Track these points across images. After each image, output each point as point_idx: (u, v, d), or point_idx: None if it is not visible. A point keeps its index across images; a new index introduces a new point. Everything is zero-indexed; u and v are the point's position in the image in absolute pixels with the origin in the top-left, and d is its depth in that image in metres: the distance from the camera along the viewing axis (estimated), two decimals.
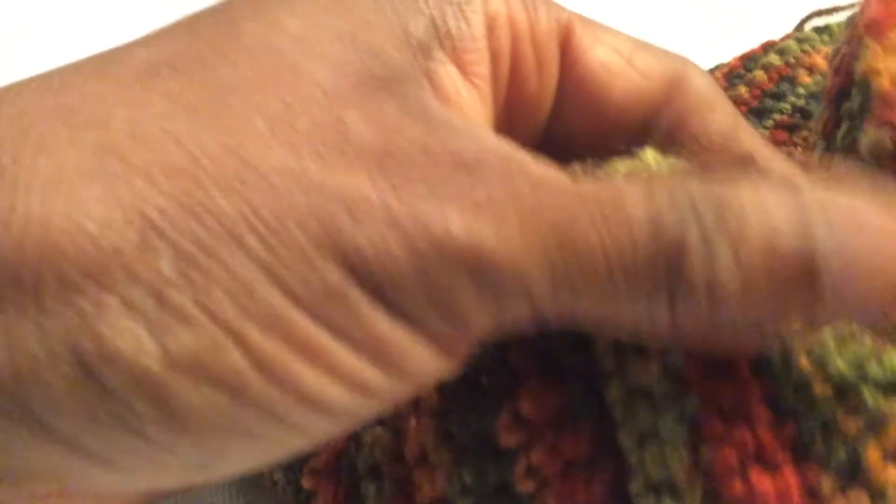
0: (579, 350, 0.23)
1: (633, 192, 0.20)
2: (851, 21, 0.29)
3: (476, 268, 0.19)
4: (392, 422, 0.27)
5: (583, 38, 0.26)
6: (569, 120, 0.27)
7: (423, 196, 0.19)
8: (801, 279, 0.19)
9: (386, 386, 0.20)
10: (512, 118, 0.26)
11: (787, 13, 0.53)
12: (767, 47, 0.50)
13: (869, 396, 0.20)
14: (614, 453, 0.22)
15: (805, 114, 0.44)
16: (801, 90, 0.46)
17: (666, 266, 0.19)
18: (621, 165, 0.23)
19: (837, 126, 0.28)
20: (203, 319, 0.18)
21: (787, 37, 0.51)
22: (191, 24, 0.22)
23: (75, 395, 0.18)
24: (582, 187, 0.20)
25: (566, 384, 0.23)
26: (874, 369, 0.20)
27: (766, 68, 0.48)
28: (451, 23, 0.23)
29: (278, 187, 0.18)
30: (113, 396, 0.18)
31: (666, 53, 0.27)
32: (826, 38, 0.50)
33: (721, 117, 0.27)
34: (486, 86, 0.24)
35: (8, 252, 0.17)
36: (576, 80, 0.26)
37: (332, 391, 0.19)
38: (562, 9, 0.26)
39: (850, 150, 0.26)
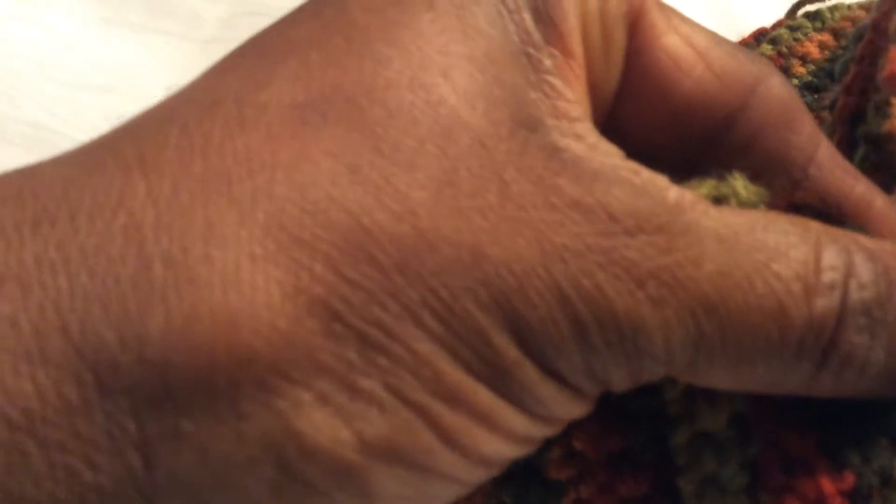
0: (643, 392, 0.22)
1: (798, 252, 0.19)
2: (860, 36, 0.30)
3: (631, 341, 0.19)
4: None
5: (655, 24, 0.23)
6: (629, 115, 0.24)
7: (585, 267, 0.18)
8: None
9: (540, 434, 0.20)
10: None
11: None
12: (759, 36, 0.51)
13: None
14: (670, 497, 0.22)
15: None
16: (796, 81, 0.47)
17: (822, 342, 0.19)
18: (704, 187, 0.22)
19: (851, 146, 0.28)
20: (393, 402, 0.17)
21: (779, 24, 0.51)
22: (320, 46, 0.20)
23: (276, 494, 0.17)
24: (740, 236, 0.19)
25: (624, 424, 0.23)
26: None
27: None
28: (550, 6, 0.21)
29: (451, 260, 0.18)
30: (313, 490, 0.17)
31: (746, 55, 0.24)
32: (818, 24, 0.51)
33: (802, 135, 0.24)
34: (582, 67, 0.22)
35: (198, 358, 0.16)
36: (641, 70, 0.23)
37: (501, 448, 0.19)
38: None
39: (872, 172, 0.25)
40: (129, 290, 0.16)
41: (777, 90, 0.24)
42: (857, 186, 0.24)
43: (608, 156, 0.20)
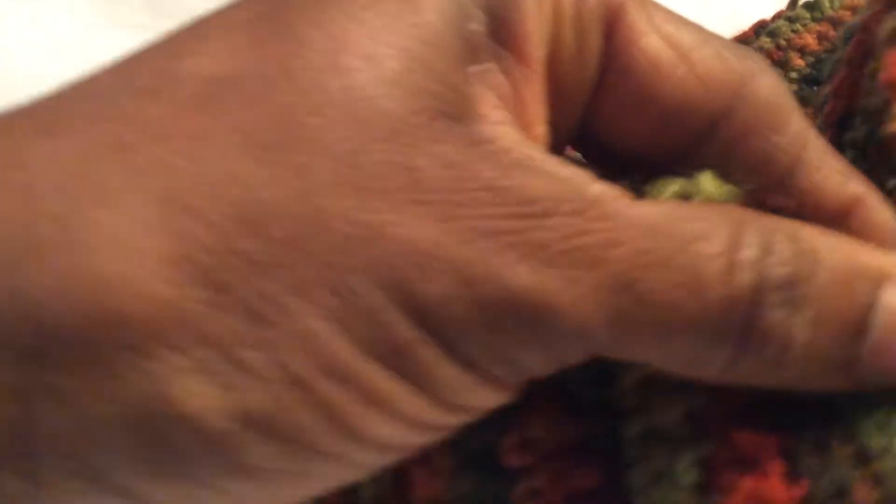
0: (600, 383, 0.22)
1: (718, 234, 0.19)
2: (849, 37, 0.29)
3: (543, 321, 0.19)
4: None
5: (635, 23, 0.23)
6: (608, 117, 0.24)
7: (494, 247, 0.19)
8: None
9: (445, 422, 0.20)
10: (556, 92, 0.23)
11: None
12: (759, 29, 0.51)
13: (891, 471, 0.20)
14: (621, 491, 0.22)
15: (800, 100, 0.44)
16: (794, 74, 0.47)
17: (740, 318, 0.19)
18: (672, 185, 0.22)
19: (839, 151, 0.26)
20: (277, 376, 0.17)
21: (778, 16, 0.51)
22: (249, 27, 0.20)
23: (142, 455, 0.17)
24: (659, 223, 0.19)
25: (580, 415, 0.23)
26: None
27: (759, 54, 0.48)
28: (506, 9, 0.21)
29: (349, 239, 0.18)
30: (184, 455, 0.17)
31: (735, 52, 0.23)
32: (818, 14, 0.50)
33: (787, 136, 0.23)
34: (541, 71, 0.22)
35: (74, 319, 0.17)
36: (619, 73, 0.23)
37: (397, 433, 0.19)
38: None
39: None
40: (14, 245, 0.17)
41: (764, 91, 0.23)
42: (847, 185, 0.24)
43: (534, 150, 0.20)
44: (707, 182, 0.21)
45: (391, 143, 0.19)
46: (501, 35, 0.21)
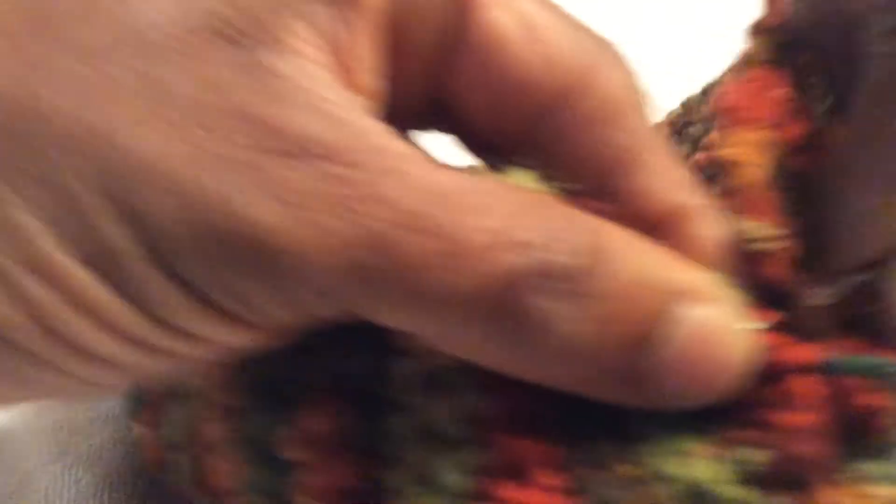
0: (380, 377, 0.22)
1: (499, 211, 0.19)
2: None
3: (278, 263, 0.18)
4: (189, 404, 0.26)
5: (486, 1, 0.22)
6: (455, 89, 0.23)
7: (237, 178, 0.18)
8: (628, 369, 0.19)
9: (173, 346, 0.19)
10: (402, 52, 0.23)
11: None
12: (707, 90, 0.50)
13: (665, 498, 0.19)
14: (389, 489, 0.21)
15: None
16: None
17: (494, 296, 0.19)
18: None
19: None
20: None
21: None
22: None
23: None
24: (444, 192, 0.19)
25: (358, 408, 0.22)
26: (671, 468, 0.20)
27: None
28: None
29: (72, 137, 0.17)
30: None
31: (594, 42, 0.23)
32: None
33: (626, 133, 0.23)
34: (375, 27, 0.21)
35: None
36: (466, 45, 0.22)
37: (115, 347, 0.19)
38: None
39: None
40: None
41: (609, 83, 0.22)
42: (679, 194, 0.23)
43: (339, 96, 0.19)
44: (523, 178, 0.22)
45: (145, 55, 0.18)
46: None
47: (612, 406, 0.20)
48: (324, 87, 0.19)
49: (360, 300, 0.19)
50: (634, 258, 0.20)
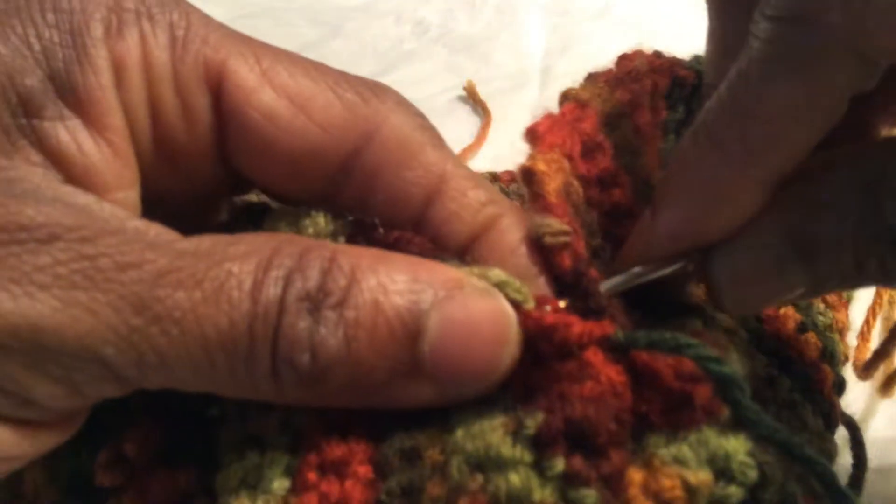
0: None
1: (255, 255, 0.20)
2: None
3: (38, 350, 0.18)
4: None
5: (243, 79, 0.23)
6: (247, 167, 0.24)
7: None
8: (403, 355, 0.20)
9: None
10: (169, 166, 0.24)
11: None
12: None
13: (455, 469, 0.20)
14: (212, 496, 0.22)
15: None
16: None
17: (267, 330, 0.19)
18: (283, 227, 0.23)
19: None
20: None
21: None
22: None
23: None
24: (200, 249, 0.20)
25: (176, 425, 0.23)
26: (469, 444, 0.21)
27: None
28: (73, 75, 0.21)
29: None
30: None
31: (364, 93, 0.24)
32: None
33: (418, 171, 0.24)
34: (121, 137, 0.22)
35: None
36: (238, 130, 0.23)
37: None
38: (218, 47, 0.23)
39: None
40: None
41: (392, 130, 0.24)
42: (483, 211, 0.24)
43: (72, 194, 0.20)
44: (320, 217, 0.23)
45: None
46: (68, 99, 0.21)
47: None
48: (57, 184, 0.20)
49: (139, 370, 0.19)
50: (381, 271, 0.20)
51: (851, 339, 0.43)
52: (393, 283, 0.20)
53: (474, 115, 0.56)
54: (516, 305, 0.21)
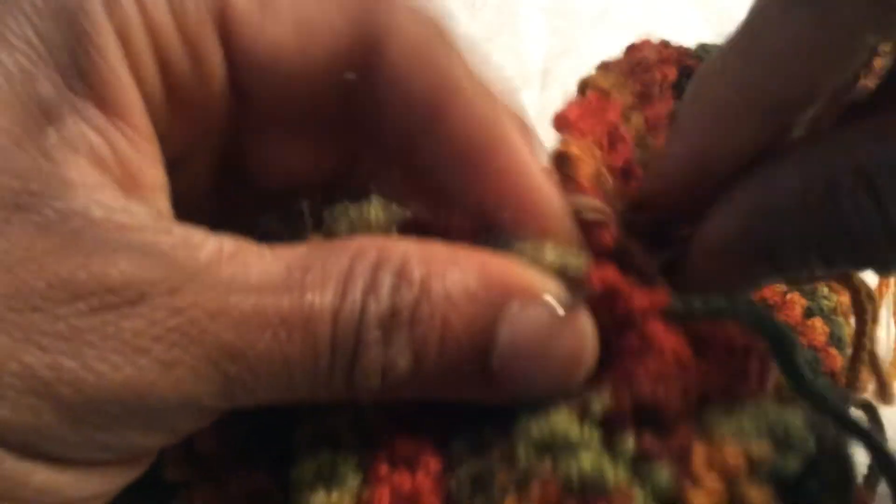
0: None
1: (330, 281, 0.20)
2: None
3: (141, 409, 0.18)
4: None
5: (244, 14, 0.22)
6: (260, 106, 0.23)
7: (72, 348, 0.18)
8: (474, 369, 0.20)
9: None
10: (184, 124, 0.23)
11: None
12: None
13: (523, 454, 0.21)
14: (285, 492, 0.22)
15: None
16: None
17: (347, 360, 0.20)
18: (341, 225, 0.23)
19: None
20: None
21: None
22: None
23: None
24: (275, 281, 0.19)
25: (251, 423, 0.23)
26: (535, 429, 0.21)
27: None
28: (81, 61, 0.20)
29: None
30: None
31: (368, 4, 0.23)
32: None
33: (440, 72, 0.23)
34: (139, 115, 0.21)
35: None
36: (248, 69, 0.22)
37: None
38: None
39: None
40: None
41: (399, 37, 0.22)
42: (496, 125, 0.23)
43: (134, 216, 0.19)
44: (373, 210, 0.23)
45: None
46: (82, 88, 0.20)
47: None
48: (127, 213, 0.19)
49: (231, 403, 0.19)
50: (451, 279, 0.20)
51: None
52: (463, 293, 0.20)
53: None
54: (576, 281, 0.21)
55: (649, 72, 0.34)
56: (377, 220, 0.23)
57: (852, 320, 0.42)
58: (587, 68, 0.34)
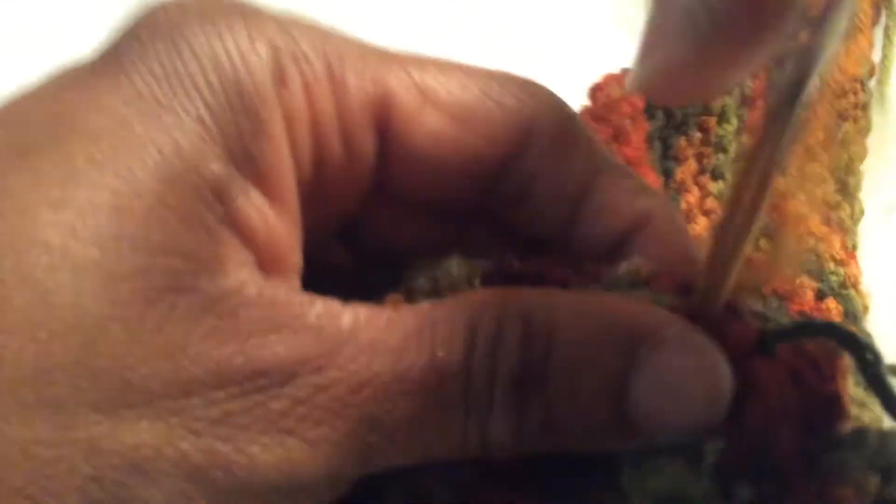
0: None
1: (456, 339, 0.19)
2: None
3: (286, 485, 0.18)
4: None
5: (406, 105, 0.22)
6: (403, 189, 0.24)
7: (223, 433, 0.18)
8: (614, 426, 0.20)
9: None
10: (324, 202, 0.23)
11: None
12: None
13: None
14: None
15: None
16: None
17: (474, 430, 0.19)
18: (421, 282, 0.23)
19: None
20: None
21: None
22: None
23: None
24: (407, 344, 0.19)
25: None
26: (651, 482, 0.20)
27: None
28: (249, 143, 0.20)
29: (57, 461, 0.17)
30: None
31: (516, 92, 0.23)
32: None
33: (580, 165, 0.23)
34: (291, 196, 0.21)
35: None
36: (402, 156, 0.22)
37: None
38: (375, 76, 0.22)
39: None
40: None
41: (549, 127, 0.23)
42: (637, 201, 0.24)
43: (279, 293, 0.19)
44: (453, 263, 0.22)
45: (85, 347, 0.17)
46: (247, 169, 0.20)
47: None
48: (272, 290, 0.19)
49: (368, 468, 0.19)
50: (580, 324, 0.20)
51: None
52: (591, 340, 0.20)
53: None
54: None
55: (616, 110, 0.34)
56: (459, 274, 0.22)
57: (862, 289, 0.43)
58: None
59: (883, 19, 0.46)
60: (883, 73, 0.47)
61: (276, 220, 0.20)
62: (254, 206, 0.20)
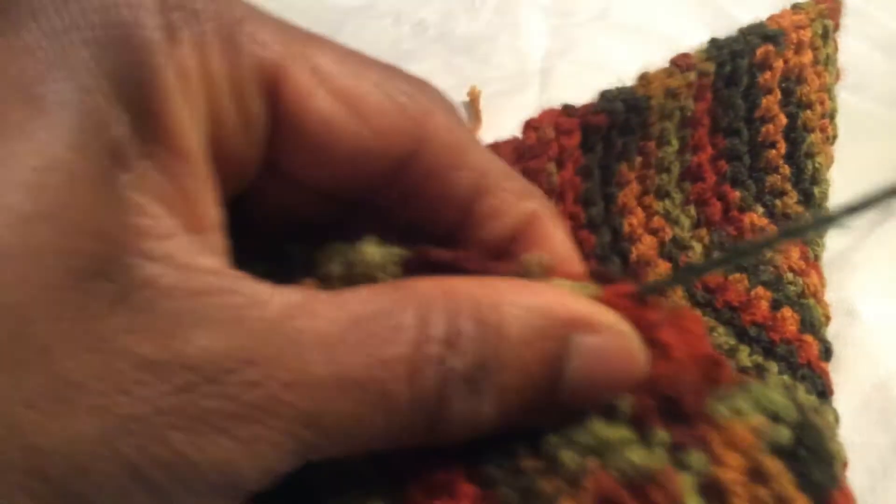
0: None
1: (405, 331, 0.19)
2: None
3: (222, 482, 0.19)
4: None
5: (300, 83, 0.22)
6: (291, 169, 0.23)
7: (157, 429, 0.18)
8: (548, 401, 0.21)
9: None
10: (220, 173, 0.22)
11: None
12: None
13: (568, 459, 0.21)
14: None
15: None
16: None
17: (427, 416, 0.20)
18: (334, 258, 0.23)
19: None
20: None
21: None
22: None
23: None
24: (347, 338, 0.19)
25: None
26: (576, 436, 0.22)
27: None
28: (148, 100, 0.19)
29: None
30: None
31: (411, 92, 0.23)
32: None
33: (467, 171, 0.24)
34: (199, 154, 0.20)
35: None
36: (291, 135, 0.22)
37: None
38: (271, 46, 0.21)
39: None
40: None
41: (440, 131, 0.23)
42: (523, 203, 0.25)
43: (205, 275, 0.19)
44: (369, 249, 0.23)
45: (20, 339, 0.17)
46: (149, 131, 0.19)
47: None
48: (198, 270, 0.19)
49: (302, 461, 0.20)
50: (523, 317, 0.21)
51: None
52: (535, 331, 0.20)
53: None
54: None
55: (544, 148, 0.36)
56: (373, 259, 0.23)
57: (824, 297, 0.42)
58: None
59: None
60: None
61: (187, 178, 0.20)
62: (163, 167, 0.19)
